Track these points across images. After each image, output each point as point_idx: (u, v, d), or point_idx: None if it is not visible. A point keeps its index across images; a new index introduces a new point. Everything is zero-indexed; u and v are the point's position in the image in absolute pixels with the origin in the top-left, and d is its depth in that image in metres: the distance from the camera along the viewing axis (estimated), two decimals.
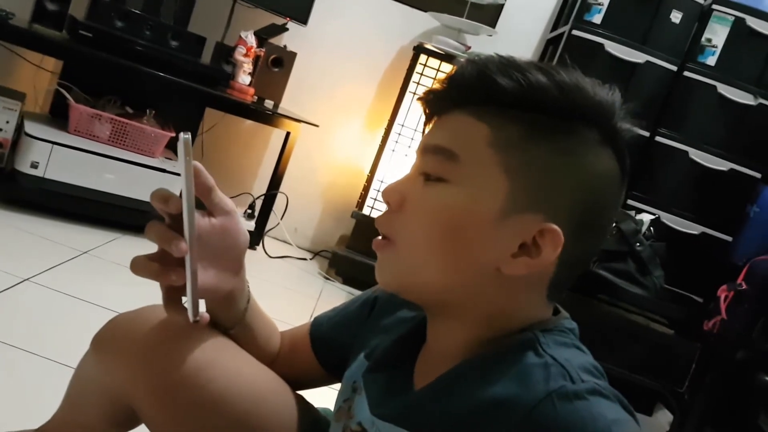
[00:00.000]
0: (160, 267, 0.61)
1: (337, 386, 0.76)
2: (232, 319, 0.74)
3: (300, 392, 0.80)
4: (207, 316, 0.63)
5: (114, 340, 0.71)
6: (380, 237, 0.61)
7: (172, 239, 0.59)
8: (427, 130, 0.62)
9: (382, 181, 2.65)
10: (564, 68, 0.57)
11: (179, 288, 0.62)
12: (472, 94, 0.58)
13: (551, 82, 0.56)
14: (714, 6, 2.43)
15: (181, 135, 0.58)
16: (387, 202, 0.61)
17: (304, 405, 0.78)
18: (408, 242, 0.58)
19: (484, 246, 0.56)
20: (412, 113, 2.62)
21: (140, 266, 0.60)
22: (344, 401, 0.69)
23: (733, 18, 2.41)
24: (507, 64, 0.57)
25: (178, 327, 0.67)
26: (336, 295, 2.48)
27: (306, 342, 0.81)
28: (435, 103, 0.62)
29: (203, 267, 0.65)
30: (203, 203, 0.65)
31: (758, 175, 2.43)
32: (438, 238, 0.57)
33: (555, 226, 0.55)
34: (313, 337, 0.81)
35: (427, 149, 0.60)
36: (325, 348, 0.80)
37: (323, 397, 0.86)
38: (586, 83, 0.57)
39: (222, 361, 0.70)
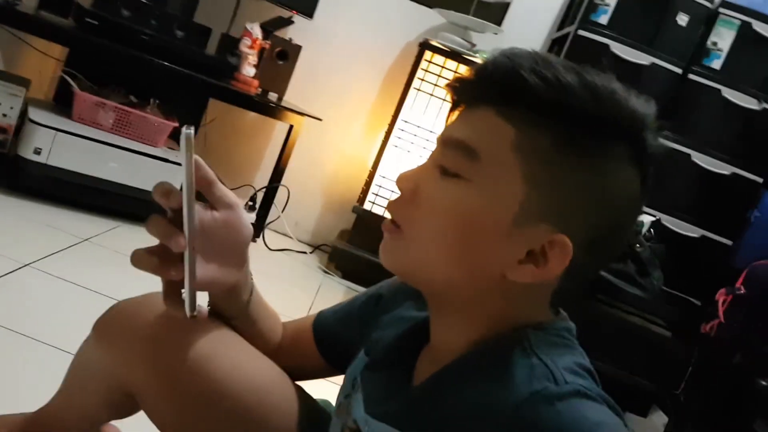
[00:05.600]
0: (159, 261, 0.60)
1: (337, 379, 0.76)
2: (235, 310, 0.74)
3: (300, 384, 0.80)
4: (205, 311, 0.63)
5: (117, 326, 0.72)
6: (390, 220, 0.60)
7: (172, 235, 0.59)
8: (451, 118, 0.60)
9: (384, 177, 2.65)
10: (599, 73, 0.55)
11: (179, 282, 0.62)
12: (500, 92, 0.55)
13: (585, 89, 0.53)
14: (721, 9, 2.42)
15: (183, 129, 0.56)
16: (400, 189, 0.59)
17: (304, 397, 0.78)
18: (416, 235, 0.57)
19: (492, 250, 0.55)
20: (416, 109, 2.62)
21: (140, 260, 0.60)
22: (345, 397, 0.70)
23: (740, 22, 2.40)
24: (541, 64, 0.54)
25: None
26: (335, 290, 2.49)
27: (309, 334, 0.81)
28: (462, 93, 0.59)
29: (205, 261, 0.64)
30: (205, 197, 0.65)
31: (760, 180, 2.43)
32: (447, 236, 0.56)
33: (566, 239, 0.53)
34: (317, 329, 0.81)
35: (447, 142, 0.57)
36: (327, 340, 0.80)
37: (323, 390, 0.87)
38: (621, 92, 0.55)
39: (223, 352, 0.71)
